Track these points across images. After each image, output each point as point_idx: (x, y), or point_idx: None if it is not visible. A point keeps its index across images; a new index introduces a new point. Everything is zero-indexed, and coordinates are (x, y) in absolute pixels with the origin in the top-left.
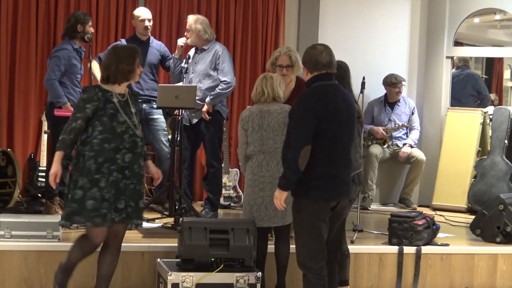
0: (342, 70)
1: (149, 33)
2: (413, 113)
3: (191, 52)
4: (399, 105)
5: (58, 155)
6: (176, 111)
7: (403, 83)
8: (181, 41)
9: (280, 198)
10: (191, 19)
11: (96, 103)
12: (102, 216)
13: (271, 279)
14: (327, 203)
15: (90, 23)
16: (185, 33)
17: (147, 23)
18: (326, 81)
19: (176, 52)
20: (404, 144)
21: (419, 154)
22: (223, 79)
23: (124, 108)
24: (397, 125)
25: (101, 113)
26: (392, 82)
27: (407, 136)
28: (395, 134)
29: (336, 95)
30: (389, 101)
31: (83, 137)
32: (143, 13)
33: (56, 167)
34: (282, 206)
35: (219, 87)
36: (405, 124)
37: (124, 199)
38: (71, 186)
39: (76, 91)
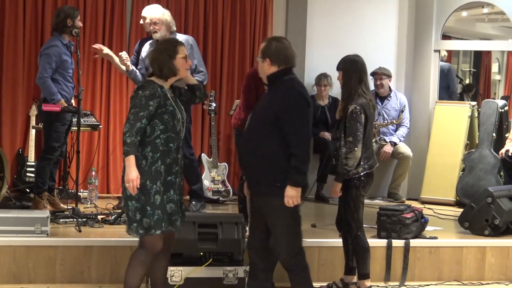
0: (361, 65)
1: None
2: (402, 111)
3: (137, 45)
4: (389, 100)
5: (132, 159)
6: None
7: (384, 77)
8: (124, 55)
9: (297, 195)
10: (157, 12)
11: (158, 100)
12: (177, 219)
13: None
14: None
15: (78, 17)
16: (152, 26)
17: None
18: (292, 75)
19: (126, 66)
20: (389, 142)
21: (406, 150)
22: (200, 69)
23: (177, 104)
24: (386, 122)
25: (162, 111)
26: (373, 72)
27: (395, 132)
28: (383, 129)
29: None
30: (379, 95)
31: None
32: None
33: (136, 171)
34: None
35: (198, 78)
36: (394, 121)
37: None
38: (144, 194)
39: (69, 86)
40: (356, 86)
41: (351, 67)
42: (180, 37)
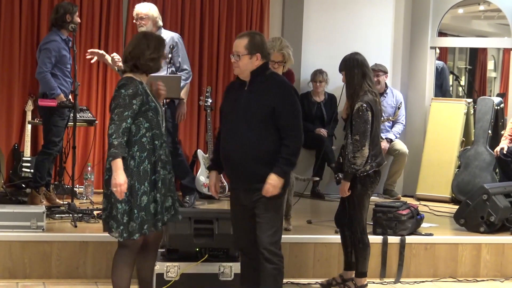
0: (362, 60)
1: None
2: (399, 108)
3: None
4: (385, 97)
5: (120, 162)
6: None
7: (381, 73)
8: (116, 57)
9: (280, 186)
10: (144, 7)
11: (141, 97)
12: (161, 219)
13: None
14: None
15: (77, 13)
16: (138, 21)
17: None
18: (270, 69)
19: (118, 67)
20: (385, 138)
21: (402, 147)
22: (184, 67)
23: (156, 99)
24: (382, 119)
25: (145, 108)
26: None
27: (391, 129)
28: None
29: None
30: None
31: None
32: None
33: (123, 175)
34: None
35: (182, 77)
36: (390, 118)
37: (170, 195)
38: (132, 196)
39: (67, 81)
40: (361, 82)
41: (352, 64)
42: (167, 33)
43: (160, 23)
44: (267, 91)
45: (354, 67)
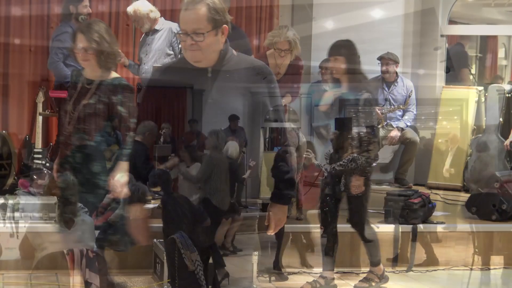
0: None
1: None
2: (409, 96)
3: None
4: (396, 86)
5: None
6: None
7: (391, 62)
8: None
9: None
10: (130, 9)
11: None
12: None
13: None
14: None
15: (83, 4)
16: (136, 25)
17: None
18: None
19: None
20: (396, 127)
21: (413, 135)
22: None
23: (78, 96)
24: (392, 107)
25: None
26: (380, 57)
27: (401, 117)
28: (389, 114)
29: None
30: (386, 81)
31: None
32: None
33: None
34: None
35: None
36: (401, 106)
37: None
38: None
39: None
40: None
41: (355, 50)
42: (165, 22)
43: (154, 14)
44: (248, 78)
45: (356, 54)
